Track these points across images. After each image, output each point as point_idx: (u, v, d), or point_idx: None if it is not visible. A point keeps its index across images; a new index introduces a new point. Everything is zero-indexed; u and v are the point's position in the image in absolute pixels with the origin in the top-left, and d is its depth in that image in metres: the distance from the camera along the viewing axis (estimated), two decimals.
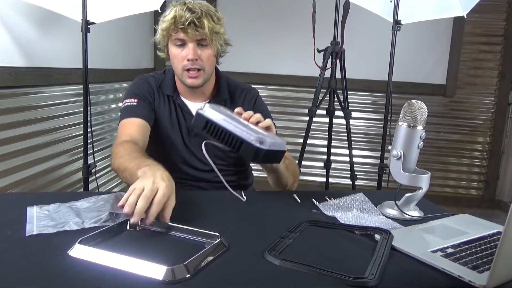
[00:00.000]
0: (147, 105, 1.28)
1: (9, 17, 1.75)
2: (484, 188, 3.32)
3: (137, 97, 1.28)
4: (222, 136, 0.92)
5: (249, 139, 0.88)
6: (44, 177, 2.02)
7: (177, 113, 1.31)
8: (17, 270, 0.66)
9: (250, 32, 3.25)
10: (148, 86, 1.31)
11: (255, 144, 0.87)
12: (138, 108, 1.26)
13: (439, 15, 2.22)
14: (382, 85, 2.26)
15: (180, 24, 1.16)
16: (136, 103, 1.26)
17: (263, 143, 0.87)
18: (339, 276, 0.66)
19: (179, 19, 1.16)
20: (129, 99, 1.28)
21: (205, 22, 1.17)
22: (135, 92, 1.29)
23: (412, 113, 0.97)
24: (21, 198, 1.06)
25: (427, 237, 0.86)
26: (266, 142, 0.88)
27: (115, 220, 0.85)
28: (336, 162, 3.19)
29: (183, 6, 1.17)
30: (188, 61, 1.20)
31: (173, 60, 1.24)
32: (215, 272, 0.68)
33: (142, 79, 1.33)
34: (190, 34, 1.17)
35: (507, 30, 3.12)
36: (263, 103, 1.40)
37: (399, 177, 0.99)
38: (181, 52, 1.21)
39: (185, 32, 1.17)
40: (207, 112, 0.95)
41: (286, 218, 0.92)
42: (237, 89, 1.37)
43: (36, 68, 1.91)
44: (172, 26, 1.17)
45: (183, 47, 1.21)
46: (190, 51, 1.19)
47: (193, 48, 1.19)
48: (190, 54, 1.19)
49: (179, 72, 1.24)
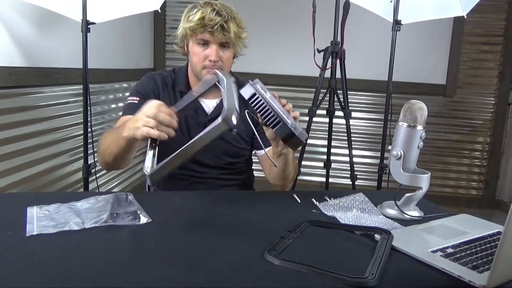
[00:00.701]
0: None
1: (9, 17, 1.75)
2: (484, 188, 3.32)
3: (140, 95, 1.29)
4: (265, 110, 1.00)
5: (287, 122, 0.99)
6: (44, 177, 2.02)
7: None
8: (17, 270, 0.66)
9: (250, 32, 3.23)
10: (153, 84, 1.32)
11: (291, 128, 0.98)
12: (139, 106, 1.26)
13: (439, 15, 2.22)
14: (382, 85, 2.26)
15: (208, 26, 1.18)
16: (137, 101, 1.28)
17: (295, 129, 0.98)
18: (339, 276, 0.66)
19: (208, 21, 1.18)
20: (132, 97, 1.30)
21: (231, 27, 1.20)
22: (139, 90, 1.31)
23: (412, 113, 0.97)
24: (21, 198, 1.06)
25: (427, 237, 0.86)
26: (298, 129, 0.99)
27: (115, 220, 0.85)
28: (336, 162, 3.19)
29: (210, 8, 1.19)
30: (210, 62, 1.23)
31: (193, 57, 1.26)
32: None
33: (149, 77, 1.35)
34: (216, 37, 1.20)
35: (507, 30, 3.12)
36: None
37: (399, 177, 0.99)
38: (203, 51, 1.23)
39: (212, 34, 1.20)
40: (258, 85, 1.01)
41: (286, 218, 0.92)
42: None
43: (36, 68, 1.91)
44: (199, 27, 1.19)
45: (205, 47, 1.23)
46: (213, 52, 1.22)
47: (216, 50, 1.22)
48: (213, 56, 1.22)
49: (198, 69, 1.26)
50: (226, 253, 0.75)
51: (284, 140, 1.01)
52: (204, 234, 0.84)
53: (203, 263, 0.71)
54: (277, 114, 0.99)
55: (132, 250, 0.74)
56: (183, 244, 0.79)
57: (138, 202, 0.96)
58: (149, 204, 0.96)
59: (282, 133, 1.00)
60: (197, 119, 1.32)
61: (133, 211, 0.89)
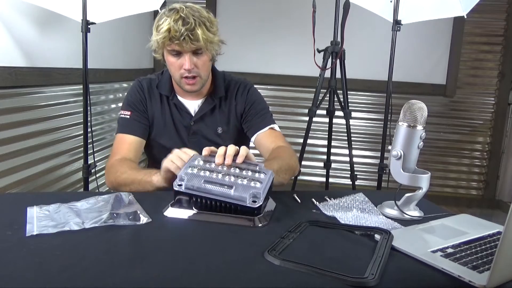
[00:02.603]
0: (140, 117, 1.33)
1: (9, 17, 1.75)
2: (484, 188, 3.32)
3: (130, 108, 1.33)
4: (213, 205, 0.89)
5: (242, 200, 0.87)
6: (44, 177, 2.02)
7: (173, 112, 1.35)
8: (17, 270, 0.66)
9: (250, 32, 3.25)
10: (141, 92, 1.35)
11: (249, 204, 0.87)
12: (131, 122, 1.32)
13: (439, 15, 2.22)
14: (382, 85, 2.26)
15: (175, 38, 1.17)
16: (129, 116, 1.32)
17: (256, 199, 0.88)
18: (339, 276, 0.66)
19: (174, 33, 1.16)
20: (124, 110, 1.33)
21: (199, 34, 1.17)
22: (129, 103, 1.34)
23: (412, 113, 0.97)
24: (21, 198, 1.06)
25: (427, 237, 0.86)
26: (259, 196, 0.88)
27: (115, 220, 0.85)
28: (336, 162, 3.19)
29: (176, 16, 1.16)
30: (185, 70, 1.23)
31: (170, 67, 1.27)
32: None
33: (136, 85, 1.37)
34: (185, 47, 1.19)
35: (507, 30, 3.12)
36: (257, 94, 1.41)
37: (399, 177, 0.99)
38: (177, 61, 1.24)
39: (180, 45, 1.19)
40: (185, 185, 0.90)
41: (286, 218, 0.92)
42: (231, 84, 1.39)
43: (36, 68, 1.91)
44: (167, 40, 1.18)
45: (179, 56, 1.23)
46: (186, 62, 1.22)
47: (189, 59, 1.22)
48: (186, 65, 1.22)
49: (177, 79, 1.28)
50: (226, 253, 0.75)
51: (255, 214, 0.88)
52: (204, 234, 0.84)
53: (203, 263, 0.71)
54: (227, 201, 0.87)
55: (132, 250, 0.74)
56: (183, 244, 0.79)
57: (138, 202, 0.96)
58: (149, 204, 0.96)
59: (247, 213, 0.87)
60: (183, 121, 1.35)
61: (133, 211, 0.89)
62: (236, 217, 0.88)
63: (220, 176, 0.92)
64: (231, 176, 0.92)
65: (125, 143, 1.29)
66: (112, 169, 1.21)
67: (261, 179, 0.93)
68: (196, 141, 1.33)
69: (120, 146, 1.29)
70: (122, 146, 1.29)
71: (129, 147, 1.29)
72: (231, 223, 0.87)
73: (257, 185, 0.90)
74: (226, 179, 0.91)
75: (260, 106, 1.39)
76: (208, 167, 0.95)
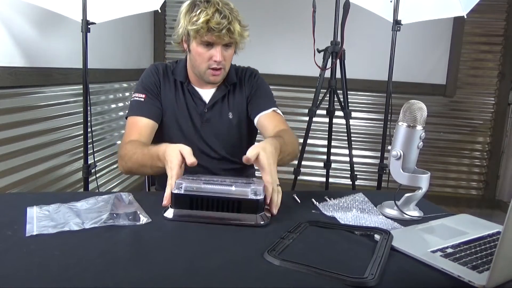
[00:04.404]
0: (154, 100, 1.32)
1: (9, 17, 1.75)
2: (484, 188, 3.32)
3: (145, 91, 1.32)
4: (214, 206, 0.89)
5: (244, 194, 0.88)
6: (44, 177, 2.02)
7: (187, 99, 1.35)
8: (17, 270, 0.66)
9: (250, 32, 3.24)
10: (156, 74, 1.35)
11: (251, 197, 0.88)
12: (146, 105, 1.31)
13: (439, 15, 2.22)
14: (382, 85, 2.26)
15: (215, 30, 1.18)
16: (143, 99, 1.31)
17: (257, 193, 0.88)
18: (339, 276, 0.66)
19: (215, 24, 1.17)
20: (138, 93, 1.32)
21: (236, 28, 1.20)
22: (144, 85, 1.33)
23: (412, 113, 0.97)
24: (21, 198, 1.06)
25: (427, 237, 0.86)
26: (260, 192, 0.88)
27: (115, 220, 0.85)
28: (336, 162, 3.19)
29: (214, 9, 1.17)
30: (215, 62, 1.24)
31: (196, 57, 1.26)
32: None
33: (152, 67, 1.37)
34: (222, 39, 1.20)
35: (507, 30, 3.12)
36: (263, 80, 1.45)
37: (399, 177, 0.99)
38: (207, 52, 1.24)
39: (218, 37, 1.20)
40: (185, 187, 0.89)
41: (286, 218, 0.92)
42: (239, 71, 1.43)
43: (36, 68, 1.91)
44: (205, 31, 1.18)
45: (209, 47, 1.23)
46: (218, 54, 1.23)
47: (221, 51, 1.23)
48: (218, 57, 1.23)
49: (202, 69, 1.27)
50: (226, 253, 0.75)
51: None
52: (204, 234, 0.84)
53: (203, 263, 0.71)
54: (228, 197, 0.87)
55: (132, 250, 0.74)
56: (183, 244, 0.79)
57: (138, 202, 0.96)
58: (149, 204, 0.96)
59: (249, 210, 0.88)
60: (197, 108, 1.35)
61: (133, 211, 0.89)
62: (238, 215, 0.88)
63: (219, 179, 0.95)
64: (228, 179, 0.96)
65: (137, 126, 1.27)
66: (123, 151, 1.19)
67: (257, 182, 0.95)
68: (209, 128, 1.35)
69: (133, 128, 1.27)
70: (135, 128, 1.27)
71: (142, 130, 1.27)
72: (232, 220, 0.88)
73: (256, 184, 0.92)
74: (226, 181, 0.94)
75: (265, 90, 1.42)
76: (202, 178, 0.96)
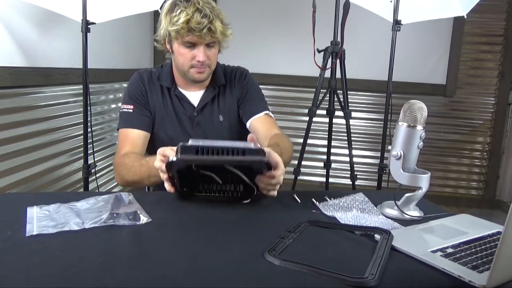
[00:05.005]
0: (143, 110, 1.32)
1: (9, 17, 1.75)
2: (484, 188, 3.32)
3: (133, 102, 1.31)
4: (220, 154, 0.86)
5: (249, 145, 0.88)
6: (44, 177, 2.02)
7: (175, 104, 1.35)
8: (17, 270, 0.66)
9: (250, 32, 3.25)
10: (141, 84, 1.34)
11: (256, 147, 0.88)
12: (135, 116, 1.31)
13: (439, 15, 2.22)
14: (382, 85, 2.26)
15: (196, 31, 1.17)
16: (132, 110, 1.31)
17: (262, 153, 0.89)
18: (339, 276, 0.66)
19: (195, 24, 1.16)
20: (126, 104, 1.32)
21: (217, 27, 1.19)
22: (131, 96, 1.33)
23: (412, 113, 0.97)
24: (21, 198, 1.06)
25: (427, 237, 0.86)
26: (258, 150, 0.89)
27: (115, 220, 0.85)
28: (336, 162, 3.19)
29: (194, 9, 1.16)
30: (198, 62, 1.23)
31: (179, 57, 1.26)
32: None
33: (137, 77, 1.36)
34: (203, 39, 1.20)
35: (507, 30, 3.12)
36: (253, 80, 1.43)
37: (399, 177, 0.99)
38: (189, 52, 1.23)
39: (200, 37, 1.19)
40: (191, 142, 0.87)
41: (286, 218, 0.92)
42: (227, 71, 1.41)
43: (36, 68, 1.91)
44: (186, 31, 1.18)
45: (192, 47, 1.23)
46: (200, 53, 1.22)
47: (204, 51, 1.23)
48: (201, 57, 1.22)
49: (185, 69, 1.27)
50: (226, 253, 0.75)
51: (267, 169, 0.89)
52: (204, 234, 0.84)
53: (203, 263, 0.71)
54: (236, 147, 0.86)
55: (132, 250, 0.74)
56: (183, 244, 0.78)
57: (138, 202, 0.96)
58: (149, 204, 0.96)
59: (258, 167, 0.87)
60: (186, 113, 1.35)
61: (133, 211, 0.89)
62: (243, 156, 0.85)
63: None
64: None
65: (129, 138, 1.28)
66: (120, 164, 1.20)
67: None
68: (200, 131, 1.34)
69: (125, 140, 1.28)
70: (127, 141, 1.28)
71: (134, 141, 1.28)
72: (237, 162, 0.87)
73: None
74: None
75: (256, 92, 1.41)
76: None
